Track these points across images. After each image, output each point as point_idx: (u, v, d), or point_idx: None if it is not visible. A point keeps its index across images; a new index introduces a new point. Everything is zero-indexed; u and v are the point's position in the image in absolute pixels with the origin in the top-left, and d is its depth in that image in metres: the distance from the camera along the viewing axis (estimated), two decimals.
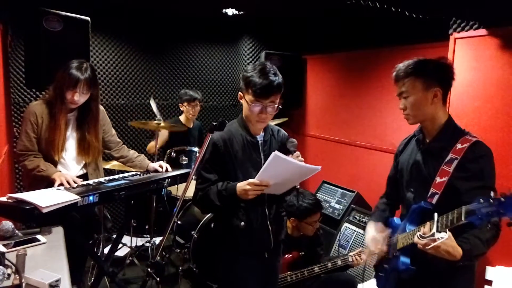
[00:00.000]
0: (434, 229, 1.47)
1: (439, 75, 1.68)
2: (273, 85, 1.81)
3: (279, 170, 1.76)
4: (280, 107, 1.92)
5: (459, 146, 1.63)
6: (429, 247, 1.46)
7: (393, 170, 2.00)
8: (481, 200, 1.32)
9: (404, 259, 1.67)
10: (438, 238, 1.44)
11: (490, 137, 2.51)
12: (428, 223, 1.54)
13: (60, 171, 2.40)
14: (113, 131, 2.80)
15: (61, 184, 2.25)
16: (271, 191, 1.91)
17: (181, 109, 3.97)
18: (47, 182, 2.30)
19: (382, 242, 1.80)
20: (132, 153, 2.82)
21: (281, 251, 2.22)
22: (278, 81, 1.84)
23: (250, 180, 1.77)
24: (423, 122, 1.75)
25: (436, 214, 1.49)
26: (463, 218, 1.38)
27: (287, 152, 1.88)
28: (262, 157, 1.95)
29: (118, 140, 2.83)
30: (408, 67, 1.70)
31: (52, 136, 2.41)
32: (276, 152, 1.69)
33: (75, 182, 2.29)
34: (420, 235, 1.52)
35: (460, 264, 1.49)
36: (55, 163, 2.45)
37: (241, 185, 1.80)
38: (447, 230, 1.45)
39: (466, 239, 1.51)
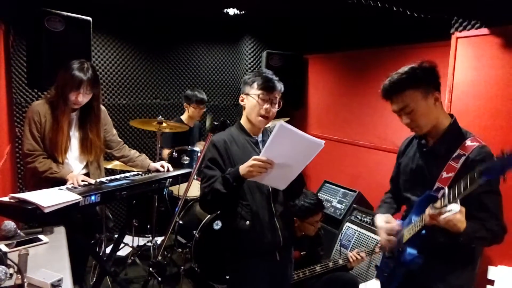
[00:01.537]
0: (446, 201, 1.44)
1: (432, 79, 1.66)
2: (276, 83, 1.95)
3: (284, 145, 1.71)
4: (281, 103, 1.99)
5: (468, 142, 1.63)
6: (442, 217, 1.44)
7: (395, 171, 1.99)
8: (495, 158, 1.31)
9: (411, 250, 1.67)
10: (450, 210, 1.43)
11: (491, 136, 2.51)
12: (438, 200, 1.52)
13: (72, 172, 2.43)
14: (114, 131, 2.81)
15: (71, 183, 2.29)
16: (274, 182, 1.87)
17: (186, 109, 3.96)
18: (52, 184, 2.31)
19: (394, 222, 1.79)
20: (133, 152, 2.83)
21: (292, 252, 2.19)
22: (278, 80, 1.98)
23: (255, 157, 1.76)
24: (430, 129, 1.70)
25: (446, 188, 1.46)
26: (476, 177, 1.33)
27: None
28: None
29: (119, 139, 2.84)
30: (400, 80, 1.64)
31: (55, 138, 2.42)
32: (281, 122, 1.68)
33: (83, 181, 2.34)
34: (432, 205, 1.49)
35: (460, 241, 1.50)
36: (59, 163, 2.45)
37: (245, 164, 1.78)
38: (458, 200, 1.43)
39: (471, 222, 1.51)
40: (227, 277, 2.09)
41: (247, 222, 1.91)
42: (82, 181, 2.34)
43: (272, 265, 1.99)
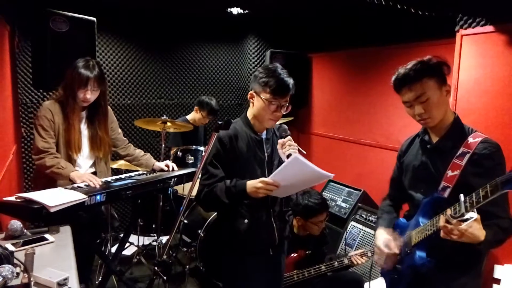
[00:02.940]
0: (463, 209, 1.41)
1: (443, 72, 1.66)
2: (289, 86, 1.90)
3: (294, 173, 1.76)
4: (290, 106, 1.96)
5: (470, 140, 1.62)
6: (462, 227, 1.40)
7: (396, 172, 1.97)
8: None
9: (421, 253, 1.66)
10: (469, 218, 1.39)
11: (496, 134, 2.49)
12: (448, 209, 1.49)
13: (77, 171, 2.41)
14: (119, 130, 2.83)
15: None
16: (275, 194, 1.91)
17: (196, 112, 3.97)
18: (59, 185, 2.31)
19: (394, 245, 1.78)
20: (139, 151, 2.84)
21: (286, 248, 2.22)
22: (292, 82, 1.92)
23: (263, 179, 1.79)
24: (437, 123, 1.68)
25: (462, 195, 1.43)
26: (499, 188, 1.32)
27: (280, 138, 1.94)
28: (266, 154, 1.98)
29: (124, 138, 2.86)
30: (416, 69, 1.63)
31: (68, 136, 2.44)
32: (296, 155, 1.71)
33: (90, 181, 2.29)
34: (450, 215, 1.45)
35: (479, 248, 1.48)
36: (73, 162, 2.47)
37: (252, 183, 1.81)
38: (475, 209, 1.41)
39: (487, 226, 1.48)
40: (223, 271, 2.12)
41: (246, 221, 1.94)
42: (88, 179, 2.32)
43: (265, 259, 2.03)
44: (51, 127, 2.41)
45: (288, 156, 1.81)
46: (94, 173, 2.62)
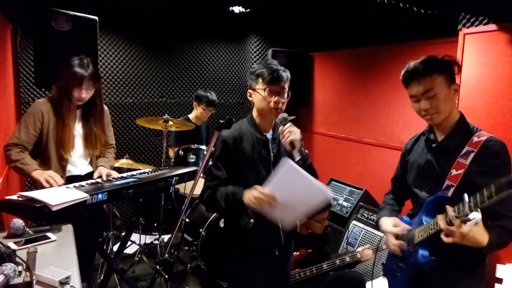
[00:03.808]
0: (467, 209, 1.40)
1: (453, 71, 1.66)
2: (281, 73, 1.91)
3: (289, 183, 1.72)
4: (291, 93, 1.97)
5: (475, 139, 1.61)
6: (463, 229, 1.40)
7: (399, 171, 1.97)
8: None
9: (423, 252, 1.66)
10: (473, 218, 1.38)
11: (499, 133, 2.47)
12: (449, 209, 1.49)
13: (40, 169, 2.31)
14: (111, 132, 2.82)
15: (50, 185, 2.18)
16: (278, 218, 1.88)
17: (195, 108, 3.98)
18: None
19: (404, 233, 1.77)
20: (106, 158, 2.73)
21: (293, 248, 2.22)
22: (284, 69, 1.94)
23: (258, 187, 1.75)
24: (442, 120, 1.68)
25: (466, 195, 1.42)
26: (504, 189, 1.31)
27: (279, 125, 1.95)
28: (272, 154, 1.96)
29: (111, 142, 2.81)
30: (427, 64, 1.63)
31: (61, 135, 2.43)
32: (289, 161, 1.69)
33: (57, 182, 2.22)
34: (454, 216, 1.44)
35: (484, 252, 1.48)
36: (65, 162, 2.47)
37: (248, 192, 1.79)
38: (479, 209, 1.40)
39: (491, 228, 1.48)
40: (228, 270, 2.12)
41: (252, 220, 1.93)
42: (50, 176, 2.24)
43: (271, 260, 2.02)
44: (34, 127, 2.38)
45: (290, 144, 1.84)
46: (92, 172, 2.62)
